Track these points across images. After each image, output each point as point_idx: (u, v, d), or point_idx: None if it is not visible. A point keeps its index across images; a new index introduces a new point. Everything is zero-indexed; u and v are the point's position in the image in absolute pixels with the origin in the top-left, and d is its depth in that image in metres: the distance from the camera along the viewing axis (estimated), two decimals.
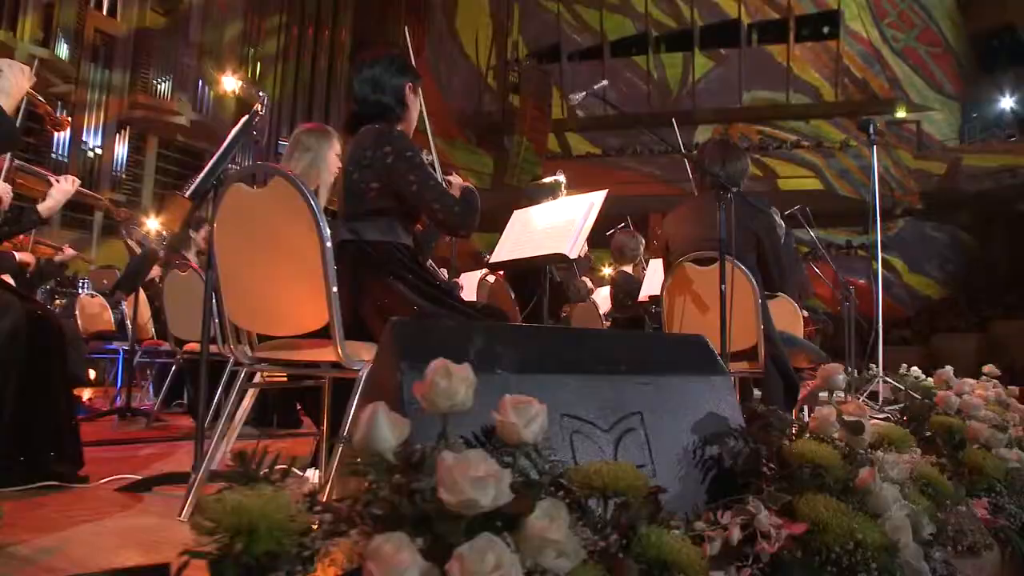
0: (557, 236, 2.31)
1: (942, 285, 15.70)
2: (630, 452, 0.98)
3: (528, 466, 0.77)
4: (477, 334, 1.00)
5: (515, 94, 18.18)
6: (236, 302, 1.51)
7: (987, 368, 3.19)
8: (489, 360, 0.97)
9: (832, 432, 1.04)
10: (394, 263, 1.51)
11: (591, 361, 1.04)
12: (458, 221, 1.48)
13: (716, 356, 1.18)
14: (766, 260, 2.24)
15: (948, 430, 1.53)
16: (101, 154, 11.66)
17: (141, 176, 12.49)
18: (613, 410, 1.00)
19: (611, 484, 0.71)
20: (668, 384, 1.08)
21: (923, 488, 1.16)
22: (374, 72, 1.57)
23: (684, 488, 1.00)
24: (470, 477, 0.57)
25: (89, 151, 11.50)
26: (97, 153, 11.61)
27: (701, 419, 1.08)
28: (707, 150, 2.25)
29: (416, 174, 1.45)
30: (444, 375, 0.66)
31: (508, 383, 0.95)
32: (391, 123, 1.58)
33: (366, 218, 1.51)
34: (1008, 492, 1.44)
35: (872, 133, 4.88)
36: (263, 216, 1.41)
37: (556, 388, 0.98)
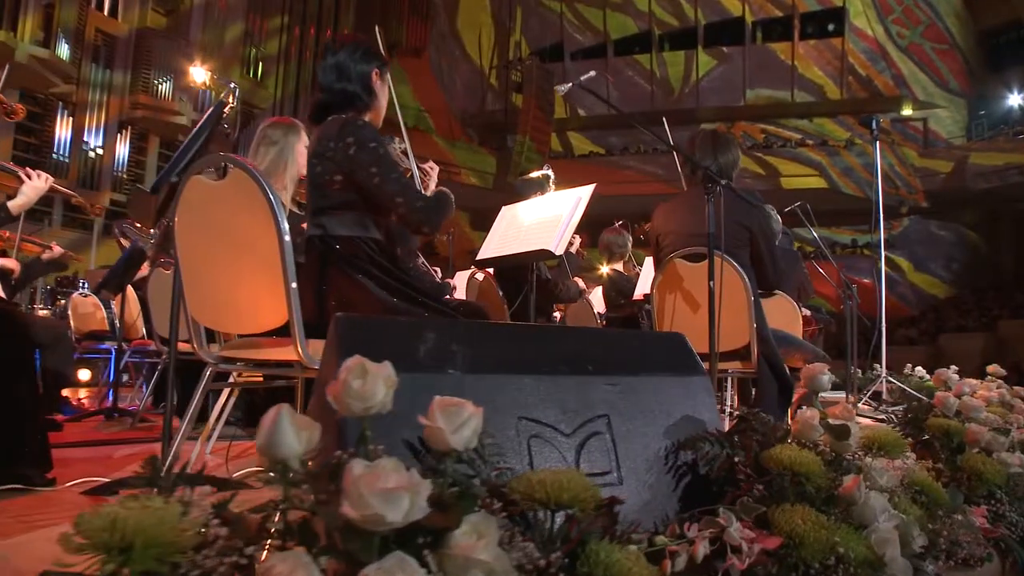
0: (544, 232, 2.24)
1: (948, 284, 15.52)
2: (594, 458, 0.91)
3: (465, 476, 0.70)
4: (429, 331, 0.93)
5: (517, 93, 18.12)
6: (198, 299, 1.45)
7: (991, 368, 3.10)
8: (441, 359, 0.90)
9: (815, 436, 0.96)
10: (362, 259, 1.45)
11: (554, 360, 0.97)
12: (421, 217, 1.40)
13: (694, 355, 1.11)
14: (760, 256, 2.16)
15: (946, 433, 1.45)
16: (102, 154, 11.66)
17: (142, 176, 12.49)
18: (577, 413, 0.93)
19: (555, 495, 0.64)
20: (639, 385, 1.01)
21: (916, 496, 1.09)
22: (338, 59, 1.50)
23: (654, 497, 0.93)
24: (379, 489, 0.50)
25: (90, 151, 11.50)
26: (98, 153, 11.62)
27: (675, 422, 1.01)
28: (697, 142, 2.17)
29: (379, 166, 1.38)
30: (358, 374, 0.59)
31: (461, 384, 0.88)
32: (359, 111, 1.51)
33: (332, 212, 1.45)
34: (1010, 499, 1.36)
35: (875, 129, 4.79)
36: (222, 210, 1.35)
37: (514, 389, 0.91)
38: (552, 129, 17.74)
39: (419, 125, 17.65)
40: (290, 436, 0.55)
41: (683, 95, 17.27)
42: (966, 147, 15.07)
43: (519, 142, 17.00)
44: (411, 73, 17.97)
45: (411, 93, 18.03)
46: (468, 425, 0.63)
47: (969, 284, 15.06)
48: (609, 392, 0.97)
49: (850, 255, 15.01)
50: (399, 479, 0.52)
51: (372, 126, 1.46)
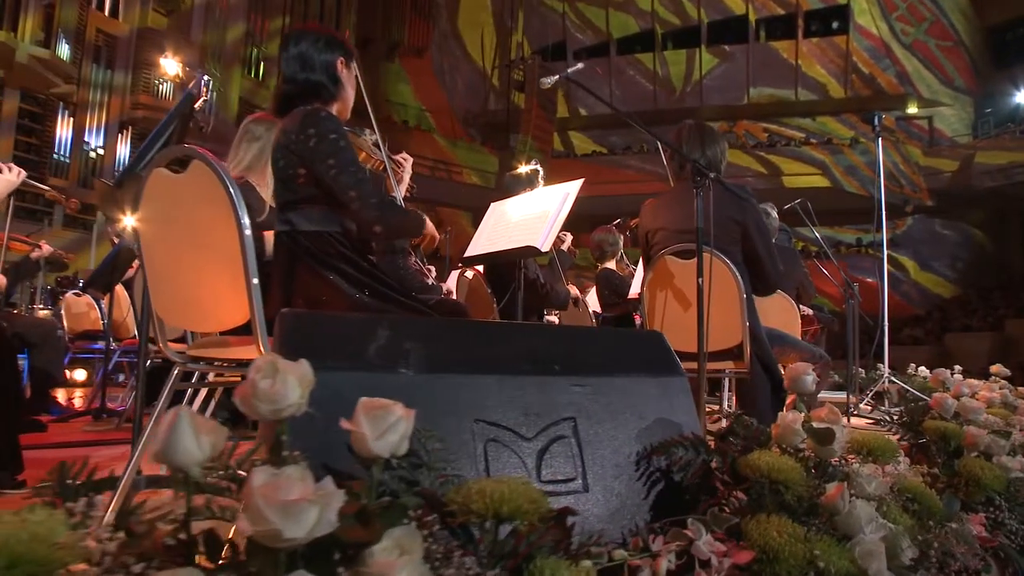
0: (531, 228, 2.19)
1: (953, 283, 15.37)
2: (557, 464, 0.85)
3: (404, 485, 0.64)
4: (382, 328, 0.87)
5: (519, 92, 18.07)
6: (162, 296, 1.40)
7: (995, 368, 3.02)
8: (392, 358, 0.84)
9: (797, 442, 0.90)
10: (331, 254, 1.39)
11: (518, 359, 0.91)
12: (373, 215, 1.33)
13: (672, 354, 1.04)
14: (757, 255, 2.08)
15: (942, 436, 1.38)
16: (103, 154, 11.66)
17: None
18: (540, 415, 0.87)
19: (493, 507, 0.58)
20: (611, 385, 0.95)
21: (907, 504, 1.02)
22: (300, 49, 1.45)
23: (623, 506, 0.87)
24: (279, 501, 0.45)
25: (91, 151, 11.50)
26: (99, 153, 11.62)
27: (648, 425, 0.95)
28: (684, 135, 2.10)
29: (337, 158, 1.32)
30: (268, 373, 0.53)
31: (412, 385, 0.83)
32: (325, 102, 1.45)
33: (299, 207, 1.39)
34: (1010, 506, 1.29)
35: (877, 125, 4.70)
36: (183, 203, 1.30)
37: (472, 390, 0.85)
38: (554, 128, 17.68)
39: (421, 124, 17.61)
40: (189, 442, 0.49)
41: (685, 94, 17.18)
42: (972, 145, 14.91)
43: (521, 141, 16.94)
44: (413, 73, 17.95)
45: (412, 93, 18.01)
46: (395, 430, 0.57)
47: (975, 283, 14.91)
48: (577, 393, 0.91)
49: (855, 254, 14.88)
50: (304, 489, 0.46)
51: (335, 117, 1.40)
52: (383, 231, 1.34)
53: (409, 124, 17.60)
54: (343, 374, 0.81)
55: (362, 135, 1.70)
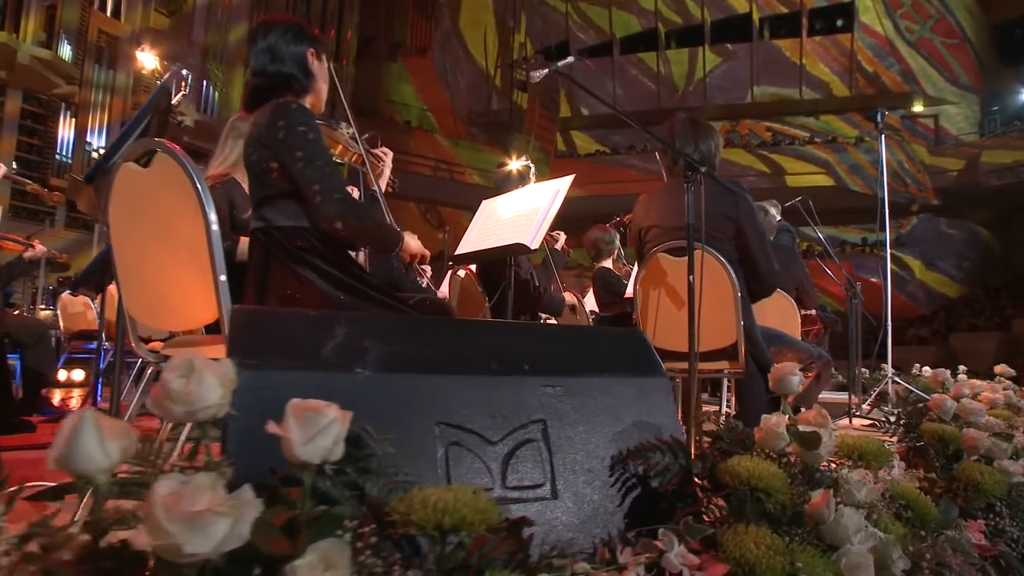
0: (520, 226, 2.14)
1: (959, 283, 15.23)
2: (524, 469, 0.81)
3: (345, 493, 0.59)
4: (340, 325, 0.83)
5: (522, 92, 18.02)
6: (132, 293, 1.36)
7: (999, 368, 2.95)
8: (349, 357, 0.80)
9: (781, 446, 0.85)
10: (307, 250, 1.35)
11: (485, 359, 0.86)
12: (336, 210, 1.27)
13: (653, 353, 1.00)
14: (749, 251, 2.03)
15: (940, 439, 1.33)
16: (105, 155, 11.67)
17: None
18: (507, 418, 0.83)
19: (434, 518, 0.53)
20: (585, 386, 0.90)
21: (900, 512, 0.97)
22: (269, 42, 1.41)
23: (595, 514, 0.82)
24: (182, 513, 0.40)
25: (93, 152, 11.52)
26: (101, 154, 11.63)
27: (625, 428, 0.90)
28: (676, 129, 2.05)
29: (305, 150, 1.28)
30: (183, 372, 0.49)
31: (369, 385, 0.78)
32: (297, 95, 1.41)
33: (273, 202, 1.35)
34: (1011, 512, 1.23)
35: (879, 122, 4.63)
36: (150, 198, 1.26)
37: (434, 390, 0.81)
38: (557, 128, 17.63)
39: (423, 124, 17.60)
40: (93, 447, 0.45)
41: (687, 93, 17.09)
42: (978, 143, 14.77)
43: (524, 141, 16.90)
44: (415, 73, 17.94)
45: (415, 92, 17.99)
46: (327, 433, 0.53)
47: (981, 283, 14.76)
48: (548, 395, 0.86)
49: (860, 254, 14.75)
50: (213, 500, 0.42)
51: (307, 110, 1.36)
52: (344, 229, 1.29)
53: (411, 124, 17.59)
54: (296, 374, 0.77)
55: (338, 128, 1.66)
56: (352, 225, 1.29)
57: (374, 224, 1.36)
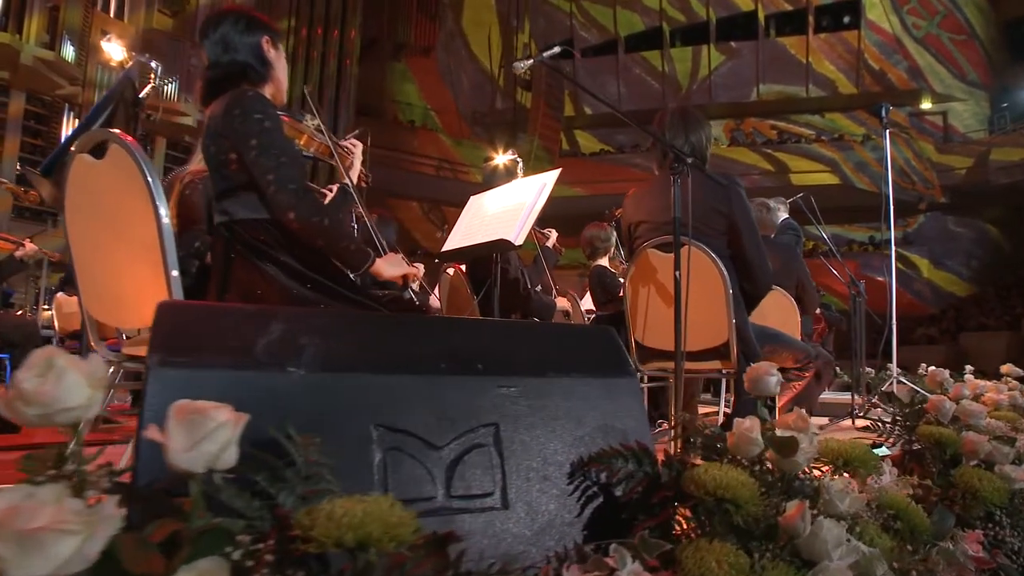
0: (506, 221, 2.08)
1: (968, 282, 15.02)
2: (471, 476, 0.74)
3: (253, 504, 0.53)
4: (276, 321, 0.77)
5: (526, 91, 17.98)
6: (88, 290, 1.31)
7: (1005, 368, 2.86)
8: (283, 355, 0.74)
9: (754, 452, 0.78)
10: (270, 244, 1.29)
11: (434, 357, 0.80)
12: (289, 200, 1.21)
13: (623, 352, 0.93)
14: (741, 248, 1.95)
15: (937, 443, 1.25)
16: None
17: None
18: (455, 421, 0.76)
19: (336, 533, 0.47)
20: (545, 387, 0.84)
21: (888, 522, 0.90)
22: (220, 32, 1.35)
23: (551, 525, 0.76)
24: (15, 530, 0.34)
25: None
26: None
27: (588, 432, 0.84)
28: (666, 121, 1.98)
29: (260, 138, 1.22)
30: (40, 371, 0.43)
31: (303, 385, 0.72)
32: (254, 84, 1.36)
33: (234, 194, 1.30)
34: (1012, 521, 1.16)
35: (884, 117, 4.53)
36: (104, 191, 1.21)
37: (375, 391, 0.74)
38: (561, 127, 17.57)
39: (427, 124, 17.58)
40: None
41: (691, 92, 16.96)
42: (987, 141, 14.57)
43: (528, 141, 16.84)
44: (419, 72, 17.93)
45: (418, 92, 17.98)
46: (214, 439, 0.47)
47: (991, 281, 14.55)
48: (502, 396, 0.80)
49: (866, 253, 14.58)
50: (55, 516, 0.36)
51: (264, 98, 1.31)
52: (296, 221, 1.22)
53: (415, 124, 17.58)
54: (222, 373, 0.71)
55: (303, 120, 1.61)
56: (305, 218, 1.23)
57: (335, 229, 1.26)
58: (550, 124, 17.41)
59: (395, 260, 1.38)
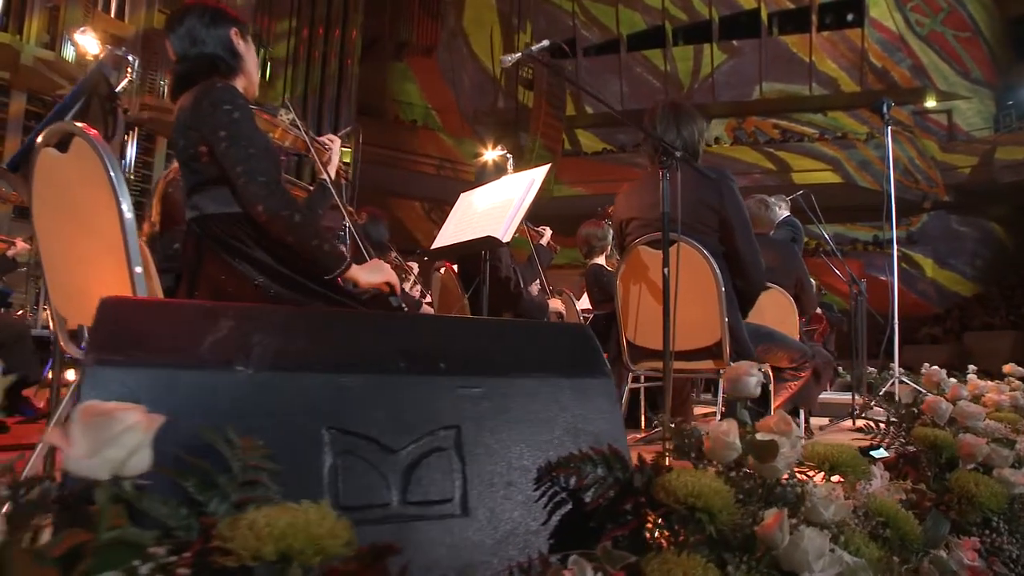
0: (494, 218, 2.04)
1: (973, 281, 14.90)
2: (429, 481, 0.70)
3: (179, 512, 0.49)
4: (226, 318, 0.73)
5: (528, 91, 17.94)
6: (55, 286, 1.27)
7: (1008, 368, 2.81)
8: (231, 353, 0.70)
9: (731, 456, 0.74)
10: (242, 240, 1.25)
11: (393, 356, 0.76)
12: (259, 193, 1.17)
13: (597, 351, 0.89)
14: (734, 245, 1.90)
15: (932, 446, 1.21)
16: None
17: (150, 177, 12.56)
18: (414, 423, 0.72)
19: (254, 546, 0.43)
20: (512, 388, 0.79)
21: (877, 530, 0.85)
22: (186, 26, 1.32)
23: (514, 533, 0.72)
24: None
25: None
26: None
27: (557, 436, 0.79)
28: (656, 115, 1.93)
29: (229, 130, 1.18)
30: None
31: (250, 385, 0.68)
32: (226, 77, 1.32)
33: (205, 189, 1.26)
34: (1010, 528, 1.11)
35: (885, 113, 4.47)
36: (68, 185, 1.17)
37: (328, 392, 0.70)
38: (563, 127, 17.52)
39: (428, 123, 17.55)
40: None
41: (693, 91, 16.88)
42: (992, 139, 14.44)
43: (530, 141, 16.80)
44: (421, 72, 17.91)
45: (419, 91, 17.96)
46: (120, 444, 0.43)
47: (996, 281, 14.43)
48: (466, 397, 0.76)
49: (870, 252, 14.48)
50: None
51: (234, 89, 1.27)
52: (265, 214, 1.18)
53: (416, 123, 17.55)
54: (163, 372, 0.67)
55: (277, 114, 1.58)
56: (274, 211, 1.18)
57: (307, 226, 1.20)
58: (552, 124, 17.35)
59: (375, 267, 1.32)
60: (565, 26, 17.81)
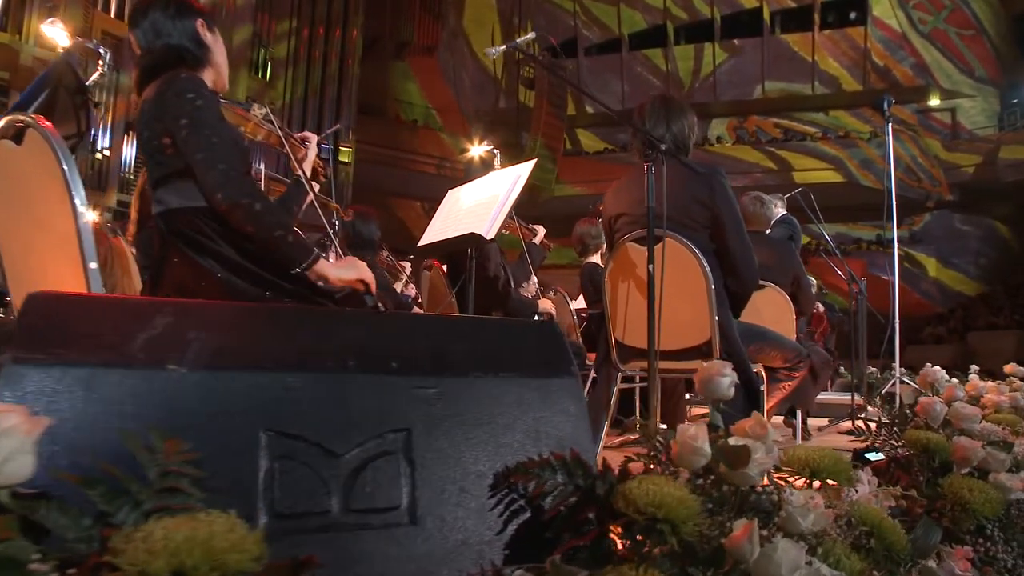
0: (479, 215, 1.99)
1: (977, 280, 14.79)
2: (375, 487, 0.66)
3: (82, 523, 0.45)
4: (162, 314, 0.68)
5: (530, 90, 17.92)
6: (14, 281, 1.23)
7: (1009, 368, 2.75)
8: (165, 351, 0.65)
9: (700, 463, 0.69)
10: (208, 235, 1.21)
11: (342, 354, 0.71)
12: (216, 181, 1.12)
13: (565, 350, 0.84)
14: (724, 242, 1.85)
15: (925, 449, 1.15)
16: (109, 155, 11.74)
17: None
18: (360, 426, 0.68)
19: (145, 561, 0.39)
20: (469, 388, 0.75)
21: (860, 540, 0.80)
22: (150, 19, 1.28)
23: (465, 543, 0.67)
24: None
25: (98, 152, 11.57)
26: (105, 155, 11.70)
27: (517, 439, 0.75)
28: (646, 110, 1.88)
29: (191, 118, 1.14)
30: None
31: (184, 386, 0.64)
32: (193, 69, 1.28)
33: (169, 182, 1.22)
34: (1006, 536, 1.06)
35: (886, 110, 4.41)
36: (22, 178, 1.13)
37: (268, 392, 0.66)
38: (564, 126, 17.48)
39: (428, 123, 17.53)
40: None
41: (694, 90, 16.81)
42: (996, 138, 14.33)
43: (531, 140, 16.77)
44: (422, 71, 17.90)
45: (420, 91, 17.94)
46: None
47: (1000, 280, 14.31)
48: (418, 398, 0.71)
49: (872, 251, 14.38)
50: None
51: (198, 79, 1.23)
52: (224, 203, 1.14)
53: (417, 123, 17.53)
54: (88, 372, 0.63)
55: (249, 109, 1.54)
56: (233, 199, 1.14)
57: (268, 216, 1.15)
58: (553, 123, 17.31)
59: (349, 263, 1.27)
60: (566, 25, 17.77)
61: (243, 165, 1.22)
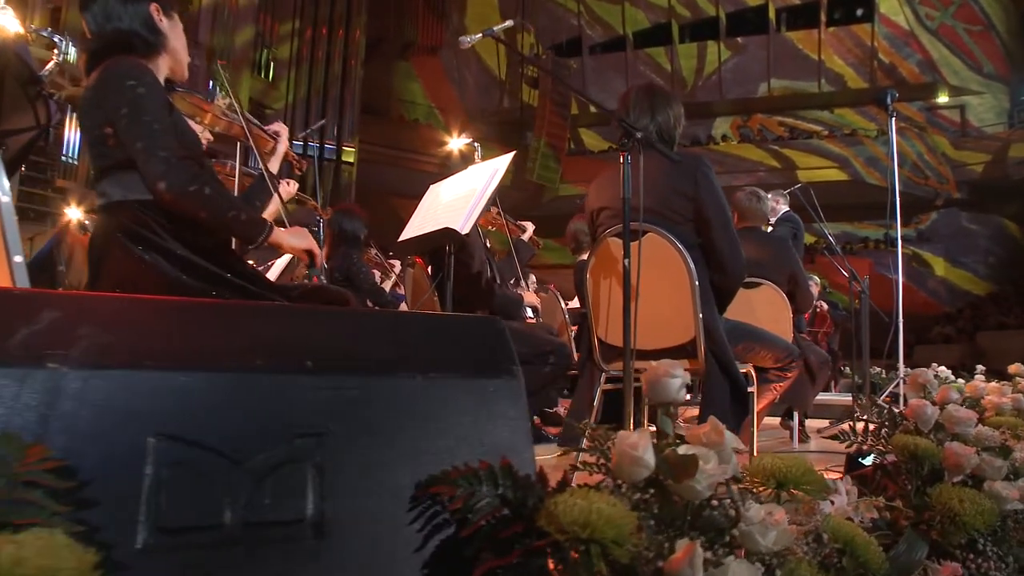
0: (456, 209, 1.93)
1: (986, 279, 14.57)
2: (280, 498, 0.59)
3: None
4: (49, 308, 0.62)
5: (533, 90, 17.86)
6: None
7: (1013, 368, 2.65)
8: (47, 347, 0.59)
9: (641, 474, 0.62)
10: (152, 228, 1.15)
11: (249, 351, 0.65)
12: (158, 169, 1.07)
13: (508, 349, 0.77)
14: (709, 237, 1.77)
15: (913, 455, 1.08)
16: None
17: None
18: (266, 430, 0.61)
19: None
20: (397, 389, 0.68)
21: (831, 560, 0.73)
22: (100, 2, 1.23)
23: (378, 561, 0.60)
24: None
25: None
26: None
27: (449, 445, 0.68)
28: (630, 100, 1.81)
29: (132, 105, 1.09)
30: None
31: (66, 385, 0.57)
32: (145, 57, 1.22)
33: (112, 173, 1.16)
34: (999, 551, 0.98)
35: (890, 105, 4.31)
36: None
37: (162, 393, 0.60)
38: (568, 126, 17.41)
39: (431, 122, 17.49)
40: None
41: (697, 88, 16.68)
42: (1005, 135, 14.12)
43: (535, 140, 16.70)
44: (425, 71, 17.89)
45: (423, 91, 17.92)
46: None
47: (1010, 279, 14.10)
48: (336, 400, 0.65)
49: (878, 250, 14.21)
50: None
51: (140, 65, 1.17)
52: (168, 192, 1.08)
53: (420, 122, 17.51)
54: None
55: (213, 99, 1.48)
56: (179, 187, 1.08)
57: (219, 199, 1.12)
58: (557, 123, 17.25)
59: (299, 232, 1.24)
60: (569, 25, 17.70)
61: (191, 152, 1.17)
